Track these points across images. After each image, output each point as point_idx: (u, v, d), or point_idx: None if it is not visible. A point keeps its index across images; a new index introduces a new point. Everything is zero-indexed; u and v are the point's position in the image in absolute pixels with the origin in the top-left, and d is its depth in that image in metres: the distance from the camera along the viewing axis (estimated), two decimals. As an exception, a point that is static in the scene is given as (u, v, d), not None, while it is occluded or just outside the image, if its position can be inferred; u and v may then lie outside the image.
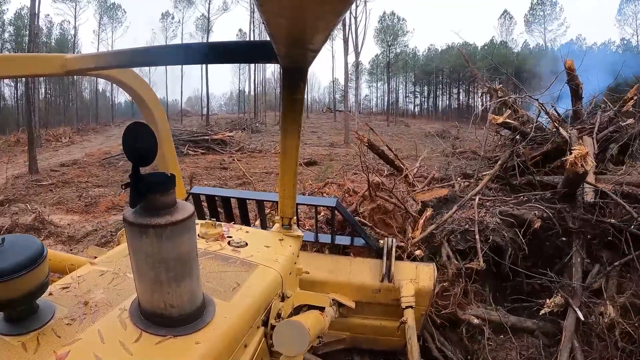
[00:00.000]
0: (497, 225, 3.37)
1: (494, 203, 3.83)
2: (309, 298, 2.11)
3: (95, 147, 19.66)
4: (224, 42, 1.23)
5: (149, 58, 1.53)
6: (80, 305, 1.25)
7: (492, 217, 3.48)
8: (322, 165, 12.94)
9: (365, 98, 59.94)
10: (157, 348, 1.10)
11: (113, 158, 14.54)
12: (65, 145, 21.36)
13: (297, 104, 1.53)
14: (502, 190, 4.32)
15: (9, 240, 1.10)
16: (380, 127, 35.16)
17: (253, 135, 25.77)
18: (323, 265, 2.71)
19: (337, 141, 22.57)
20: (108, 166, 13.49)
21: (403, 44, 48.33)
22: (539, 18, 42.28)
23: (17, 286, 1.04)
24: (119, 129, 29.89)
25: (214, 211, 2.98)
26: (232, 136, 19.45)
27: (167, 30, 42.07)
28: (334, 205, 2.67)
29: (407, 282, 2.62)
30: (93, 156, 16.04)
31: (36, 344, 1.06)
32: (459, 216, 3.59)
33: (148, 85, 2.19)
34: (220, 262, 1.66)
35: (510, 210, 3.48)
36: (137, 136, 1.09)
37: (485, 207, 3.73)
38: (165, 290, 1.13)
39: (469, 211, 3.62)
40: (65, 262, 1.84)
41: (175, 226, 1.09)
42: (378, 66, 55.44)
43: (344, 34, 25.02)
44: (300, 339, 1.49)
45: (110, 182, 10.76)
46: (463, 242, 3.32)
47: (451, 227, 3.43)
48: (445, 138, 26.49)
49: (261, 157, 16.31)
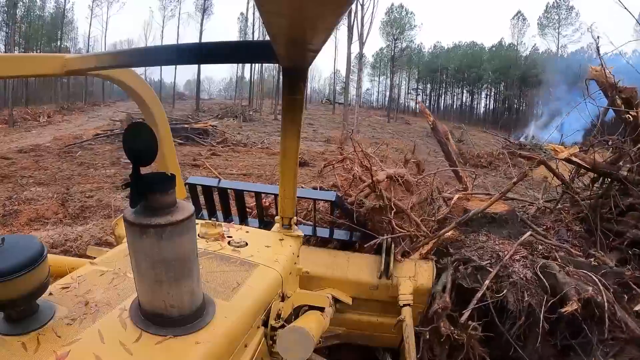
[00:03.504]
0: (525, 282, 2.48)
1: (549, 250, 2.78)
2: (309, 298, 2.11)
3: (69, 130, 17.90)
4: (225, 42, 1.23)
5: (150, 58, 1.53)
6: (80, 305, 1.25)
7: (525, 268, 2.57)
8: (313, 167, 11.33)
9: (366, 92, 59.39)
10: (157, 348, 1.10)
11: (79, 145, 13.21)
12: (41, 125, 19.72)
13: (297, 104, 1.54)
14: (583, 238, 3.05)
15: (9, 240, 1.10)
16: (380, 123, 34.53)
17: (244, 125, 23.93)
18: (320, 260, 2.68)
19: (335, 136, 21.04)
20: (66, 156, 11.85)
21: (409, 39, 47.86)
22: (553, 22, 41.88)
23: (17, 286, 1.04)
24: (108, 109, 28.33)
25: (210, 202, 2.95)
26: (214, 126, 17.73)
27: (165, 10, 41.36)
28: (334, 199, 2.65)
29: (405, 279, 2.59)
30: (60, 141, 14.31)
31: (36, 344, 1.06)
32: (491, 245, 2.78)
33: (148, 85, 2.18)
34: (220, 262, 1.66)
35: (556, 272, 2.47)
36: (137, 136, 1.10)
37: (533, 248, 2.79)
38: (165, 290, 1.13)
39: (507, 245, 2.76)
40: (66, 266, 1.84)
41: (175, 226, 1.09)
42: (382, 60, 54.83)
43: (349, 21, 24.17)
44: (304, 345, 1.49)
45: (57, 180, 9.04)
46: (470, 279, 2.59)
47: (469, 254, 2.69)
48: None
49: (245, 152, 14.77)
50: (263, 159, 13.56)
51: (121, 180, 8.79)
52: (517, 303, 2.43)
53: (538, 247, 2.83)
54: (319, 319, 1.91)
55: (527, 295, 2.43)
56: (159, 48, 1.60)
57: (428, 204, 3.26)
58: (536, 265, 2.57)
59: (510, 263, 2.59)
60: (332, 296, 2.42)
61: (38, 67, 1.70)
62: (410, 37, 47.92)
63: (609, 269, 2.56)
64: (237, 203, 2.93)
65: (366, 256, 2.74)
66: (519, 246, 2.72)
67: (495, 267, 2.55)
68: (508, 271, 2.52)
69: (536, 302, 2.42)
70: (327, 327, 2.06)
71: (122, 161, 11.11)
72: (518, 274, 2.52)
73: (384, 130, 29.45)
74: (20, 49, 34.53)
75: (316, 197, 2.88)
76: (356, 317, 2.70)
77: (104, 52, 1.60)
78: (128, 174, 1.10)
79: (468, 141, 21.00)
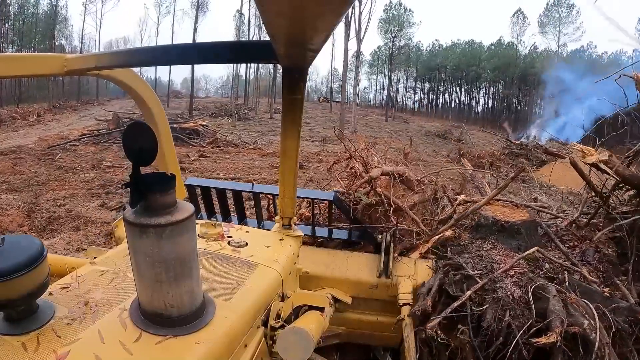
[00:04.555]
0: (511, 301, 2.23)
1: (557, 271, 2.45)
2: (309, 298, 2.11)
3: (57, 130, 16.90)
4: (225, 42, 1.23)
5: (149, 58, 1.53)
6: (80, 305, 1.25)
7: (516, 285, 2.31)
8: (307, 169, 11.31)
9: (364, 90, 59.09)
10: (157, 348, 1.10)
11: (62, 146, 12.36)
12: (30, 125, 18.82)
13: (297, 104, 1.54)
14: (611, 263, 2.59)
15: (8, 240, 1.10)
16: (378, 122, 33.89)
17: (239, 124, 23.13)
18: (320, 259, 2.67)
19: (331, 135, 20.03)
20: (46, 158, 10.99)
21: (407, 37, 47.63)
22: (554, 20, 41.64)
23: (17, 286, 1.04)
24: (102, 107, 27.13)
25: (209, 203, 2.96)
26: (205, 125, 16.90)
27: (160, 7, 40.95)
28: (332, 199, 2.65)
29: (405, 278, 2.58)
30: (45, 142, 13.48)
31: (36, 344, 1.06)
32: (493, 254, 2.58)
33: (148, 85, 2.19)
34: (220, 262, 1.66)
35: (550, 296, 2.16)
36: (137, 136, 1.10)
37: (538, 266, 2.51)
38: (165, 290, 1.13)
39: (509, 257, 2.53)
40: (65, 265, 1.84)
41: (175, 226, 1.09)
42: (379, 58, 54.57)
43: (346, 17, 23.04)
44: (304, 346, 1.49)
45: (31, 185, 8.27)
46: (457, 287, 2.42)
47: (463, 261, 2.52)
48: (447, 139, 25.61)
49: (236, 153, 13.86)
50: (254, 161, 12.86)
51: (99, 185, 8.18)
52: (494, 321, 2.19)
53: (545, 265, 2.50)
54: (319, 319, 1.91)
55: (508, 315, 2.19)
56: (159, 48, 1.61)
57: (431, 204, 3.18)
58: (531, 284, 2.27)
59: (502, 277, 2.36)
60: (331, 296, 2.42)
61: (38, 67, 1.70)
62: (409, 35, 47.83)
63: (625, 303, 2.18)
64: (236, 204, 2.93)
65: (365, 255, 2.73)
66: (522, 260, 2.46)
67: (485, 278, 2.36)
68: (496, 285, 2.32)
69: (518, 325, 2.14)
70: (327, 326, 2.06)
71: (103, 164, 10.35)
72: (505, 290, 2.29)
73: (381, 129, 28.83)
74: (14, 47, 34.15)
75: (315, 197, 2.88)
76: (356, 317, 2.69)
77: (104, 52, 1.60)
78: (107, 179, 1.08)
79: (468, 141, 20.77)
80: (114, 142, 13.30)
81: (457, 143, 16.56)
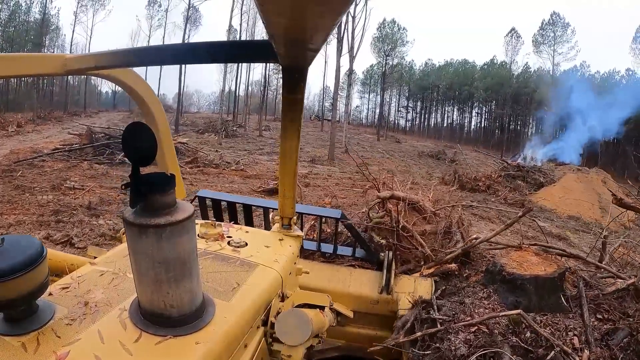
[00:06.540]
0: (452, 357, 2.11)
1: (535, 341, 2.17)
2: (309, 297, 2.11)
3: (34, 142, 15.35)
4: (224, 41, 1.23)
5: (150, 58, 1.53)
6: (80, 305, 1.25)
7: (466, 344, 2.17)
8: None
9: (355, 109, 59.01)
10: (157, 348, 1.10)
11: (29, 161, 10.79)
12: (8, 135, 17.52)
13: (297, 104, 1.54)
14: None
15: (8, 240, 1.10)
16: (370, 141, 32.86)
17: (225, 141, 21.97)
18: (323, 274, 2.78)
19: (321, 155, 19.35)
20: (6, 176, 9.43)
21: (401, 55, 47.35)
22: (548, 39, 41.31)
23: (17, 286, 1.04)
24: (88, 119, 26.01)
25: (219, 216, 3.03)
26: (184, 143, 15.54)
27: (152, 19, 40.49)
28: (339, 216, 2.73)
29: (405, 295, 2.67)
30: (17, 154, 12.06)
31: (36, 344, 1.06)
32: (476, 303, 2.47)
33: (148, 85, 2.18)
34: (220, 262, 1.66)
35: None
36: (137, 136, 1.10)
37: (518, 332, 2.27)
38: (165, 290, 1.13)
39: (486, 313, 2.37)
40: (66, 262, 1.84)
41: (175, 226, 1.09)
42: (372, 77, 54.45)
43: (339, 32, 22.84)
44: (302, 329, 1.48)
45: None
46: (424, 326, 2.41)
47: (441, 302, 2.51)
48: (441, 159, 24.99)
49: (216, 174, 12.23)
50: (235, 184, 11.14)
51: (52, 211, 6.71)
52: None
53: (527, 332, 2.16)
54: (318, 313, 1.92)
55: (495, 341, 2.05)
56: (159, 47, 1.60)
57: (442, 236, 3.18)
58: (482, 348, 2.05)
59: (458, 330, 2.21)
60: (332, 303, 2.47)
61: (38, 67, 1.70)
62: (402, 54, 47.48)
63: None
64: (246, 217, 3.00)
65: (368, 272, 2.84)
66: (501, 318, 2.22)
67: (444, 325, 2.26)
68: (447, 336, 2.20)
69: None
70: (327, 327, 2.07)
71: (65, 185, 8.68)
72: (451, 344, 2.15)
73: (374, 149, 27.62)
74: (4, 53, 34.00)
75: (322, 214, 2.96)
76: (356, 330, 2.77)
77: (103, 51, 1.59)
78: (64, 203, 1.04)
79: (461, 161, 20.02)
80: (85, 159, 11.97)
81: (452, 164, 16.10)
